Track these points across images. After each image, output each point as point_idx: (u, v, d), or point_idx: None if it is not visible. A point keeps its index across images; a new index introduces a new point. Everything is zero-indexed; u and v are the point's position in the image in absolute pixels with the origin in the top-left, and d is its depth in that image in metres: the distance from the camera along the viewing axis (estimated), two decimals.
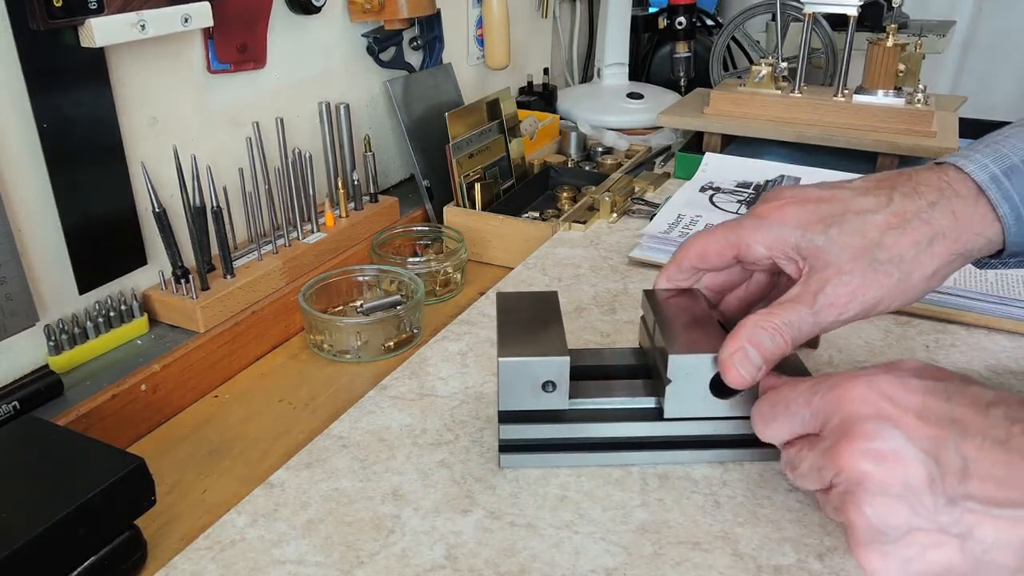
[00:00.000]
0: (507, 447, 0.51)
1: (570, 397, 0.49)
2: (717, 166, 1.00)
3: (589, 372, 0.52)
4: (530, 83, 1.30)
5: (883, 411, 0.38)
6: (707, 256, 0.49)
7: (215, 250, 0.70)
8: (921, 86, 0.99)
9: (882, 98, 0.98)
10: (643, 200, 0.94)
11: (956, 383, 0.38)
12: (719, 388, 0.48)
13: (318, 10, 0.83)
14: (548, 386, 0.48)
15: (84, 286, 0.65)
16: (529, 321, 0.51)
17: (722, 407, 0.49)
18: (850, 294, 0.43)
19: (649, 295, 0.53)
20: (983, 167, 0.43)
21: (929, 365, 0.41)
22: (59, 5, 0.56)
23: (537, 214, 0.94)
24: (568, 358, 0.48)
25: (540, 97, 1.28)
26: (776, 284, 0.53)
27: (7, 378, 0.60)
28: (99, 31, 0.59)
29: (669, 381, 0.48)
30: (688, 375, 0.48)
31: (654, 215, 0.88)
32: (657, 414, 0.50)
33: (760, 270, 0.52)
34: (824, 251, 0.44)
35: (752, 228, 0.47)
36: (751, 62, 1.30)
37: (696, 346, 0.48)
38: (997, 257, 0.47)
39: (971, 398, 0.37)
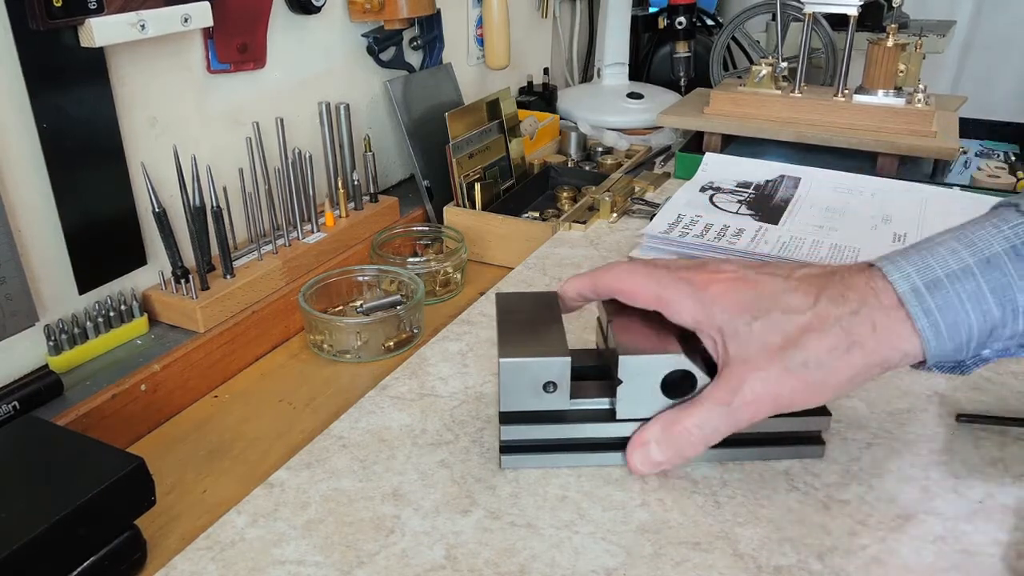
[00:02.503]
0: (508, 448, 0.51)
1: (571, 397, 0.49)
2: (717, 166, 1.00)
3: (590, 373, 0.52)
4: (530, 83, 1.30)
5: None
6: (634, 298, 0.49)
7: (215, 250, 0.70)
8: (921, 86, 0.99)
9: (882, 98, 0.98)
10: (643, 200, 0.94)
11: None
12: (670, 388, 0.48)
13: (318, 10, 0.83)
14: (549, 387, 0.48)
15: (84, 286, 0.65)
16: (529, 321, 0.51)
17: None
18: (765, 393, 0.44)
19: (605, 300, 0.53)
20: (906, 276, 0.42)
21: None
22: (59, 5, 0.56)
23: (537, 214, 0.94)
24: (569, 358, 0.48)
25: (540, 97, 1.27)
26: None
27: (7, 378, 0.60)
28: (99, 31, 0.59)
29: (620, 382, 0.48)
30: (639, 375, 0.48)
31: (654, 215, 0.88)
32: (611, 415, 0.50)
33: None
34: (744, 343, 0.45)
35: (686, 296, 0.47)
36: (751, 62, 1.30)
37: (647, 348, 0.48)
38: (921, 366, 0.45)
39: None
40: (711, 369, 0.47)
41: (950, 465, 0.52)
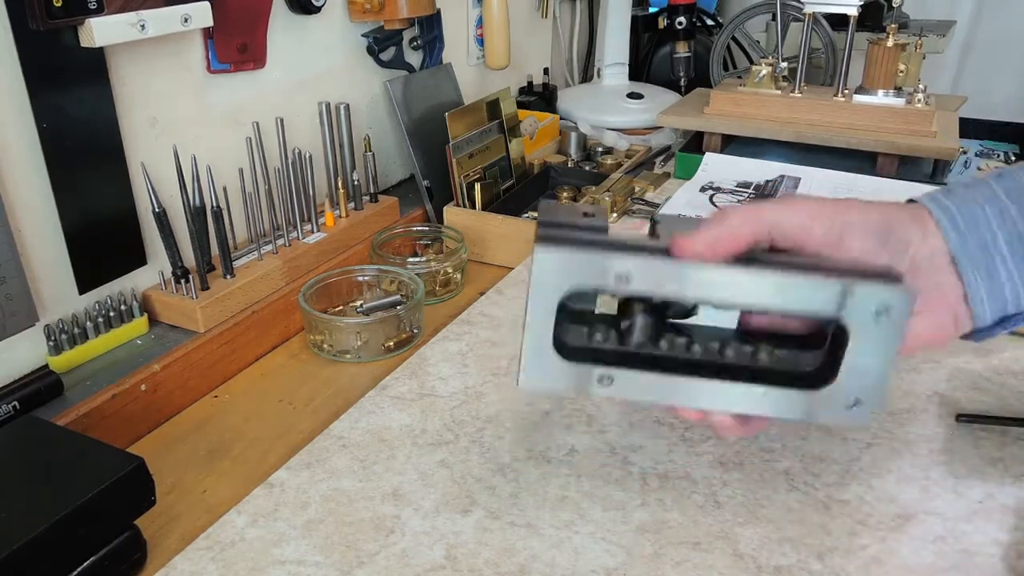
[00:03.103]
0: (546, 238, 0.42)
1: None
2: (717, 166, 1.00)
3: None
4: (530, 83, 1.30)
5: None
6: (737, 238, 0.43)
7: (215, 250, 0.70)
8: (921, 86, 0.99)
9: (882, 98, 0.98)
10: (643, 200, 0.94)
11: None
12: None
13: (318, 10, 0.83)
14: (587, 212, 0.47)
15: (84, 286, 0.65)
16: None
17: None
18: (812, 198, 0.46)
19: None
20: (926, 193, 0.47)
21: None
22: (59, 5, 0.56)
23: (537, 214, 0.94)
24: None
25: (540, 97, 1.27)
26: None
27: (7, 378, 0.60)
28: (99, 31, 0.59)
29: (658, 222, 0.45)
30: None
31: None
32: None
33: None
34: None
35: (781, 205, 0.46)
36: (751, 62, 1.30)
37: None
38: (972, 336, 0.47)
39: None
40: None
41: (950, 465, 0.52)
